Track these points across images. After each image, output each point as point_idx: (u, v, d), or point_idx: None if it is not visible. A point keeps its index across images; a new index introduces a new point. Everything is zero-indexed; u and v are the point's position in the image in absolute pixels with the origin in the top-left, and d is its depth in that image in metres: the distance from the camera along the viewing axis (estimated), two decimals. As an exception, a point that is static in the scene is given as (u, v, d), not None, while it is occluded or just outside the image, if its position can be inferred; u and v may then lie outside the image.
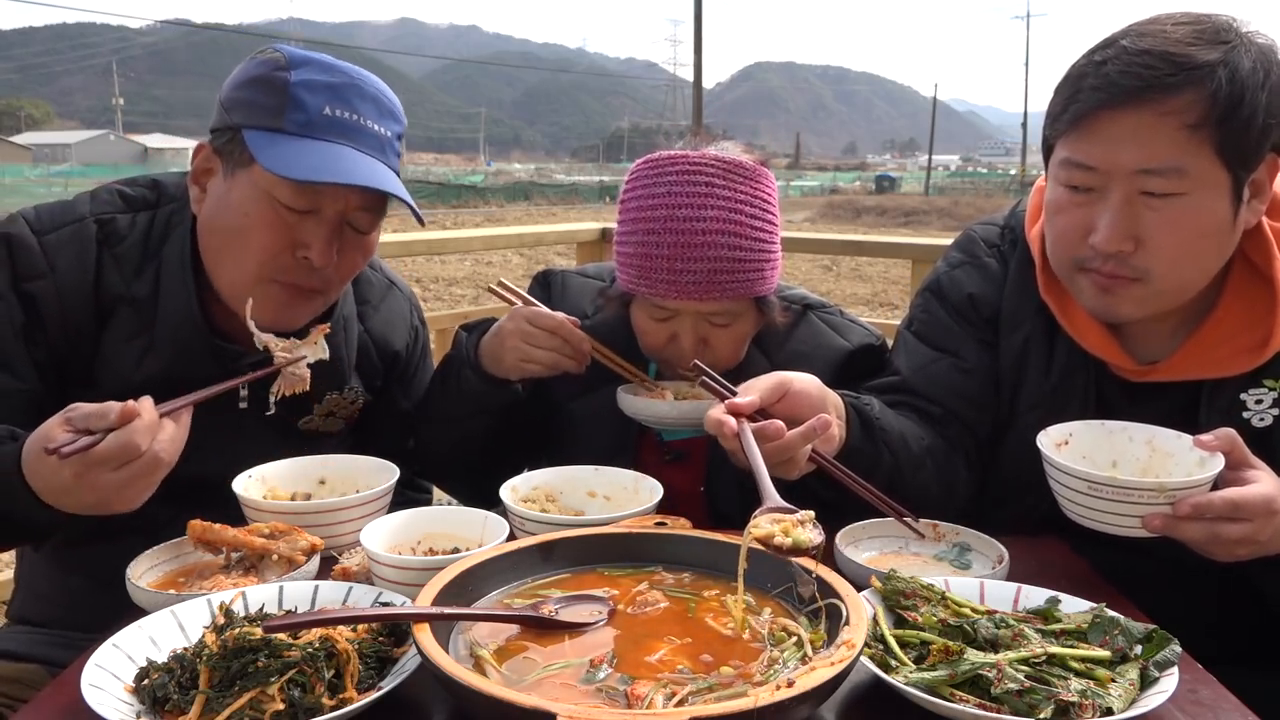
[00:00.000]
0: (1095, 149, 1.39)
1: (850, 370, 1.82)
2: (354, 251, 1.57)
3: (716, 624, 1.08)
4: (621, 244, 1.73)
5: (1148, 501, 1.26)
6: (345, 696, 1.00)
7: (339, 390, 1.73)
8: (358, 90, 1.52)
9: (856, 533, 1.45)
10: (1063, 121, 1.43)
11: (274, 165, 1.42)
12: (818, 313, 1.90)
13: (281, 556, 1.32)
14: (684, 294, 1.64)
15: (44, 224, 1.55)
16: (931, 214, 34.48)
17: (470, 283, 14.62)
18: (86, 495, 1.23)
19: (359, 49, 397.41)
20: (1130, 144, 1.36)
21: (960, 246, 1.76)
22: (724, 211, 1.64)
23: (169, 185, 1.65)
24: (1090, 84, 1.39)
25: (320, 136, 1.48)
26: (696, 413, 1.61)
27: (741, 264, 1.64)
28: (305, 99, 1.48)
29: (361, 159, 1.49)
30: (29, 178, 45.89)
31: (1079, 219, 1.44)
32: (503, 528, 1.37)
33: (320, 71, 1.51)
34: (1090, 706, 0.97)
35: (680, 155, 1.69)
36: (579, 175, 78.61)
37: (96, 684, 1.00)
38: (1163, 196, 1.37)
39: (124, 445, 1.20)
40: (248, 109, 1.49)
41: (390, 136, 1.56)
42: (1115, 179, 1.39)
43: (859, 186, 62.47)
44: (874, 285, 15.04)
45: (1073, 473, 1.31)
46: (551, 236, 4.59)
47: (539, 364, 1.66)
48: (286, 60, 1.50)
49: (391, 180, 1.51)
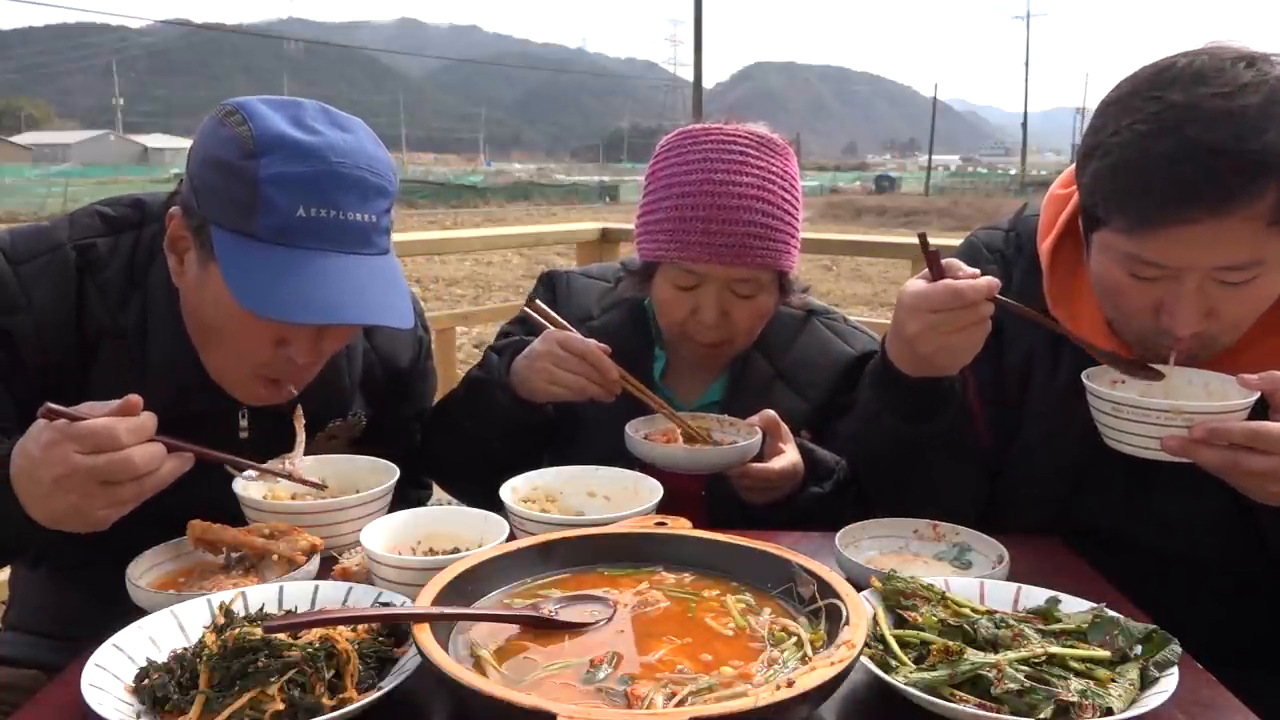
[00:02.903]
0: (1170, 251, 1.28)
1: (854, 378, 1.82)
2: (338, 338, 1.50)
3: (717, 624, 1.08)
4: (650, 212, 1.74)
5: (1165, 423, 1.27)
6: (345, 696, 1.00)
7: (343, 417, 1.70)
8: (336, 178, 1.34)
9: (856, 533, 1.45)
10: (1126, 219, 1.30)
11: (244, 299, 1.30)
12: (822, 319, 1.90)
13: (281, 556, 1.32)
14: (716, 257, 1.65)
15: (19, 253, 1.45)
16: (931, 214, 34.46)
17: (470, 283, 14.63)
18: (58, 500, 1.16)
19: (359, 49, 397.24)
20: (1210, 248, 1.26)
21: (963, 254, 1.74)
22: (758, 178, 1.67)
23: (152, 205, 1.55)
24: (1161, 187, 1.23)
25: (295, 244, 1.33)
26: (708, 459, 1.63)
27: (773, 231, 1.67)
28: (276, 199, 1.31)
29: (342, 271, 1.35)
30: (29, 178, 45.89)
31: (1146, 300, 1.36)
32: (503, 528, 1.37)
33: (292, 158, 1.32)
34: (1090, 706, 0.97)
35: (714, 127, 1.74)
36: (579, 175, 78.60)
37: (96, 684, 1.00)
38: (1238, 283, 1.30)
39: (105, 428, 1.15)
40: (215, 201, 1.35)
41: (376, 219, 1.40)
42: (1189, 272, 1.30)
43: (859, 186, 62.42)
44: (874, 285, 15.04)
45: (1100, 395, 1.33)
46: (551, 236, 4.59)
47: (565, 388, 1.64)
48: (254, 142, 1.32)
49: (375, 298, 1.38)
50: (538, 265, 12.42)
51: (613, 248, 4.08)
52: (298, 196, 1.32)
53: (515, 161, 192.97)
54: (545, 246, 13.19)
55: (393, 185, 1.44)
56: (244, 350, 1.43)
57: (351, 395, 1.70)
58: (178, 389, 1.47)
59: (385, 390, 1.79)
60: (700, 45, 35.25)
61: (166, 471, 1.21)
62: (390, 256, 1.46)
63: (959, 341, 1.36)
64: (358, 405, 1.73)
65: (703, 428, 1.73)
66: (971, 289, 1.31)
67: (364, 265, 1.38)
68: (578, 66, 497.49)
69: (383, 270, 1.41)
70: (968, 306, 1.32)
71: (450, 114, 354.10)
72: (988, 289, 1.32)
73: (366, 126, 1.45)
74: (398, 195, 1.48)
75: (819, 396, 1.83)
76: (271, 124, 1.35)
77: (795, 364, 1.84)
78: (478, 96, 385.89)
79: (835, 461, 1.72)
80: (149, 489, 1.20)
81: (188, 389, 1.49)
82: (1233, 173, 1.20)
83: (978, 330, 1.35)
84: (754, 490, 1.66)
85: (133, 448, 1.16)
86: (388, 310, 1.40)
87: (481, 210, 37.84)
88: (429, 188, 42.98)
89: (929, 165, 75.02)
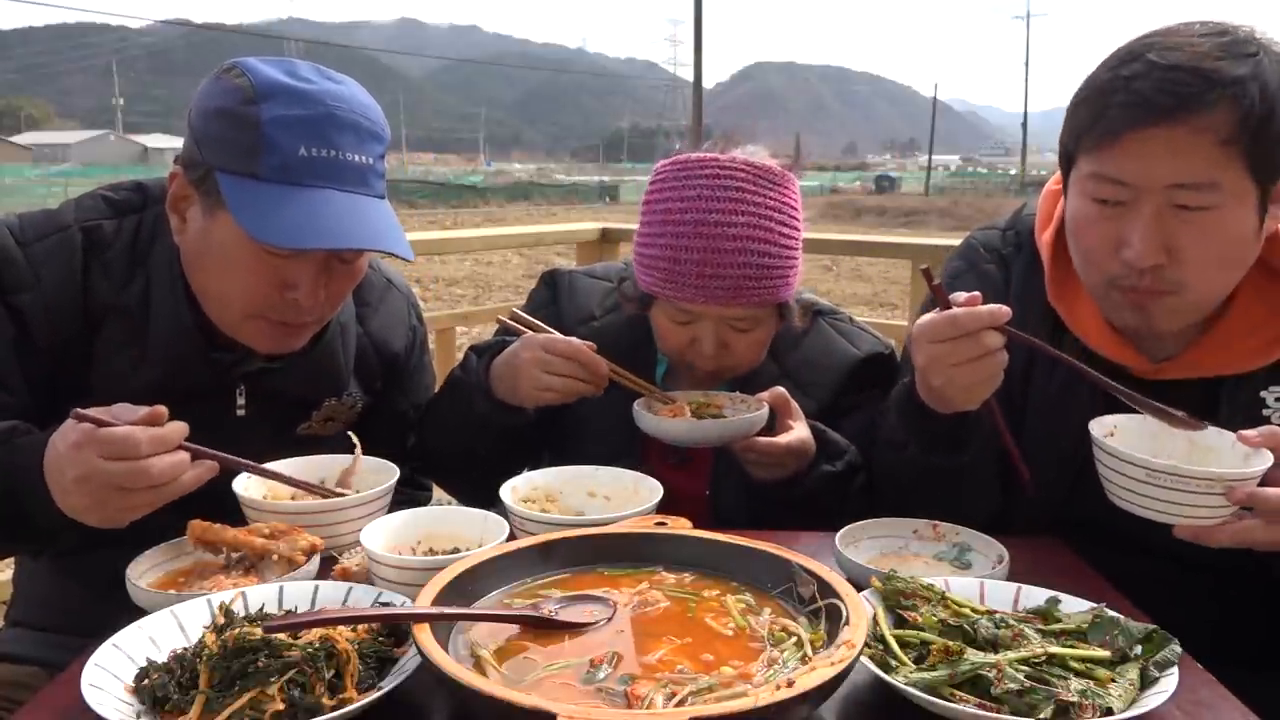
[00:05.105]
0: (1128, 164, 1.36)
1: (860, 379, 1.82)
2: (342, 280, 1.53)
3: (717, 624, 1.08)
4: (645, 246, 1.72)
5: (1203, 490, 1.25)
6: (345, 696, 1.00)
7: (337, 397, 1.72)
8: (333, 120, 1.42)
9: (856, 533, 1.46)
10: (1091, 137, 1.40)
11: (254, 229, 1.37)
12: (828, 319, 1.90)
13: (281, 556, 1.32)
14: (711, 299, 1.64)
15: (28, 234, 1.51)
16: (931, 214, 34.47)
17: (470, 283, 14.63)
18: (77, 498, 1.23)
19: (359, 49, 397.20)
20: (1164, 160, 1.34)
21: (960, 255, 1.75)
22: (753, 218, 1.63)
23: (154, 187, 1.61)
24: (1120, 100, 1.35)
25: (299, 182, 1.40)
26: (715, 431, 1.62)
27: (768, 271, 1.64)
28: (279, 140, 1.38)
29: (344, 204, 1.43)
30: (29, 178, 45.88)
31: (1109, 233, 1.41)
32: (503, 528, 1.37)
33: (292, 103, 1.40)
34: (1090, 706, 0.97)
35: (710, 158, 1.68)
36: (579, 175, 78.67)
37: (96, 684, 1.00)
38: (1195, 210, 1.35)
39: (127, 436, 1.19)
40: (219, 148, 1.42)
41: (372, 161, 1.48)
42: (1147, 193, 1.36)
43: (859, 186, 62.41)
44: (874, 285, 15.04)
45: (1131, 459, 1.29)
46: (551, 236, 4.59)
47: (556, 391, 1.63)
48: (254, 90, 1.40)
49: (375, 226, 1.45)
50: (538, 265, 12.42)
51: (613, 248, 4.07)
52: (298, 137, 1.40)
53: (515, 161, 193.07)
54: (545, 246, 13.19)
55: (385, 133, 1.52)
56: (249, 289, 1.46)
57: (346, 376, 1.72)
58: (178, 364, 1.52)
59: (380, 376, 1.81)
60: (700, 45, 35.27)
61: (188, 479, 1.25)
62: (386, 202, 1.52)
63: (968, 374, 1.34)
64: (353, 388, 1.75)
65: (714, 404, 1.73)
66: (968, 316, 1.31)
67: (364, 202, 1.45)
68: (578, 66, 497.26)
69: (381, 209, 1.48)
70: (969, 335, 1.31)
71: (450, 114, 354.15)
72: (989, 317, 1.31)
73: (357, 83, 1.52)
74: (398, 195, 1.51)
75: (825, 397, 1.82)
76: (269, 74, 1.43)
77: (801, 364, 1.84)
78: (478, 96, 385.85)
79: (846, 444, 1.71)
80: (166, 497, 1.25)
81: (187, 364, 1.53)
82: (1185, 85, 1.31)
83: (987, 363, 1.34)
84: (761, 466, 1.65)
85: (151, 459, 1.20)
86: (392, 240, 1.46)
87: (481, 210, 37.79)
88: (429, 188, 42.89)
89: (929, 165, 75.05)
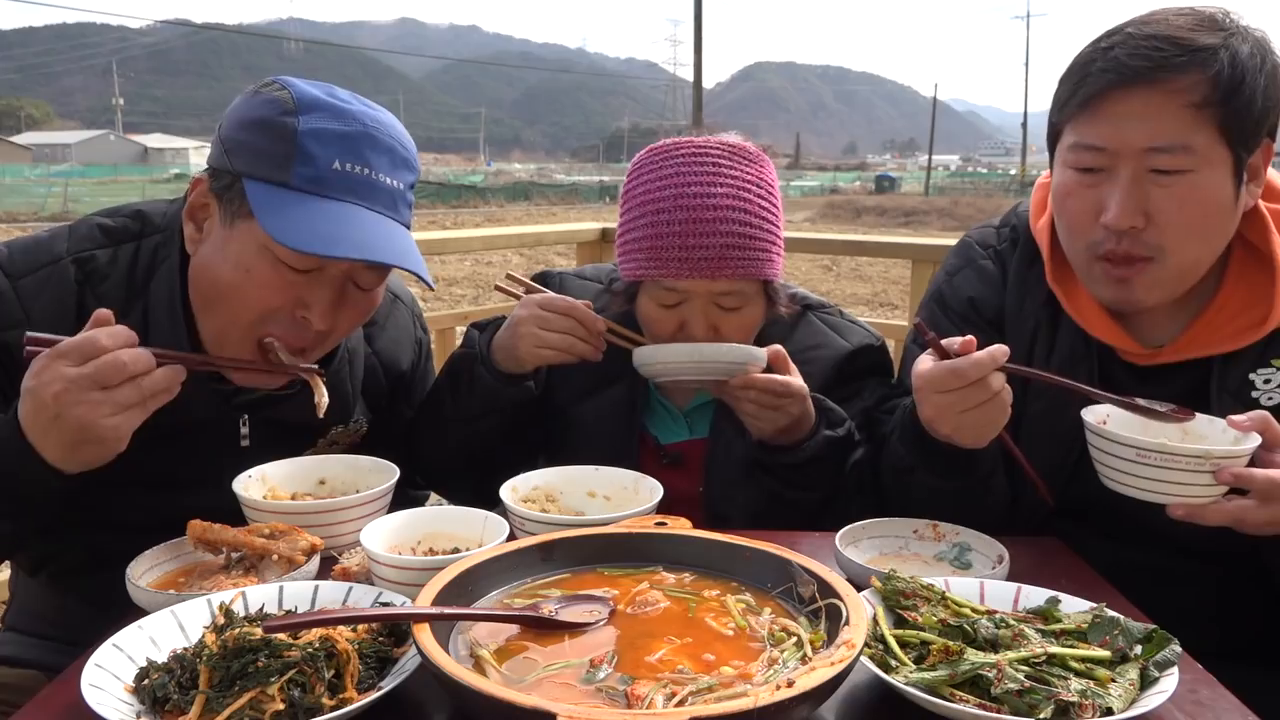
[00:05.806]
0: (1104, 129, 1.43)
1: (849, 370, 1.82)
2: (356, 308, 1.51)
3: (717, 624, 1.08)
4: (627, 231, 1.73)
5: (1193, 469, 1.28)
6: (345, 696, 1.00)
7: (344, 424, 1.70)
8: (371, 141, 1.41)
9: (856, 533, 1.46)
10: (1071, 105, 1.46)
11: (280, 234, 1.33)
12: (817, 313, 1.90)
13: (281, 556, 1.32)
14: (696, 271, 1.63)
15: (18, 267, 1.46)
16: (931, 214, 34.50)
17: (470, 283, 14.62)
18: (66, 422, 1.19)
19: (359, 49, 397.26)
20: (1138, 122, 1.40)
21: (956, 253, 1.78)
22: (732, 188, 1.65)
23: (153, 215, 1.55)
24: (1098, 67, 1.43)
25: (329, 194, 1.37)
26: (714, 355, 1.61)
27: (752, 240, 1.65)
28: (314, 151, 1.36)
29: (372, 221, 1.40)
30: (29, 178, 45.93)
31: (1089, 201, 1.46)
32: (503, 528, 1.37)
33: (331, 119, 1.39)
34: (1090, 706, 0.97)
35: (685, 141, 1.72)
36: (579, 175, 78.65)
37: (96, 684, 1.00)
38: (1171, 174, 1.40)
39: (85, 338, 1.19)
40: (251, 156, 1.39)
41: (403, 189, 1.47)
42: (1124, 158, 1.42)
43: (859, 186, 62.47)
44: (874, 285, 15.05)
45: (1122, 440, 1.32)
46: (551, 236, 4.58)
47: (554, 348, 1.65)
48: (295, 103, 1.39)
49: (401, 246, 1.43)
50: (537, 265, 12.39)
51: (612, 248, 4.07)
52: (334, 150, 1.38)
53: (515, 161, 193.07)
54: (545, 246, 13.20)
55: (417, 165, 1.53)
56: (263, 305, 1.42)
57: (353, 402, 1.70)
58: (179, 396, 1.44)
59: (386, 394, 1.79)
60: (700, 45, 35.26)
61: (162, 377, 1.24)
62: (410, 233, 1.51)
63: (976, 419, 1.36)
64: (359, 411, 1.73)
65: None
66: (970, 365, 1.32)
67: (391, 225, 1.44)
68: (578, 66, 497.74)
69: (408, 237, 1.47)
70: (975, 384, 1.32)
71: (450, 114, 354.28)
72: (990, 361, 1.32)
73: None
74: None
75: (815, 389, 1.82)
76: (310, 90, 1.43)
77: (790, 357, 1.84)
78: (478, 96, 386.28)
79: (844, 415, 1.72)
80: (148, 392, 1.23)
81: (189, 396, 1.46)
82: (1159, 50, 1.39)
83: (994, 407, 1.35)
84: (760, 417, 1.64)
85: (119, 350, 1.20)
86: (415, 262, 1.44)
87: (481, 210, 37.84)
88: (429, 188, 42.91)
89: (929, 165, 75.15)
